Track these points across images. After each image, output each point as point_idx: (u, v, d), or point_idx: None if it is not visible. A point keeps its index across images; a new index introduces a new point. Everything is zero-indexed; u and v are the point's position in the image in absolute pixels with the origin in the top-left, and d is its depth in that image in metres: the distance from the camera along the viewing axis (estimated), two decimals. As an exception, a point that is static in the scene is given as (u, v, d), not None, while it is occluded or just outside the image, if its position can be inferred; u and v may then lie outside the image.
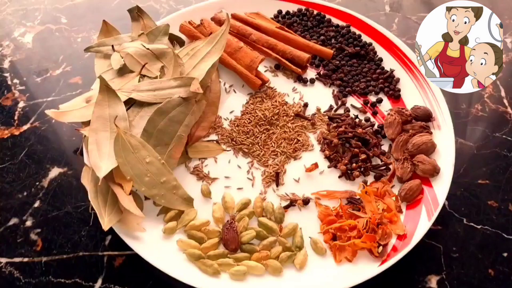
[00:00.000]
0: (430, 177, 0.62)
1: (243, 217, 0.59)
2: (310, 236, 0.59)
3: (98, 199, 0.57)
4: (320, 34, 0.78)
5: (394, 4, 0.89)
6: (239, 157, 0.66)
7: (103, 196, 0.57)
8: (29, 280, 0.58)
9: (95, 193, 0.57)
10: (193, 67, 0.65)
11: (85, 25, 0.85)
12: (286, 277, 0.56)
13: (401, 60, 0.73)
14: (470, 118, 0.73)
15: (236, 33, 0.75)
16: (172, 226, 0.58)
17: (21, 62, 0.80)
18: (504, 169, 0.68)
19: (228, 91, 0.72)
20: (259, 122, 0.67)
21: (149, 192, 0.57)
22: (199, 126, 0.66)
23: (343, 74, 0.73)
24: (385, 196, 0.61)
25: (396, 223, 0.58)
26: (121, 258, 0.60)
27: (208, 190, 0.62)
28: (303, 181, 0.63)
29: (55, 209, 0.64)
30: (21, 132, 0.71)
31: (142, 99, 0.61)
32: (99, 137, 0.59)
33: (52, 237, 0.61)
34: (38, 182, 0.66)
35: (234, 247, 0.57)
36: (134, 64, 0.65)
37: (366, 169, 0.63)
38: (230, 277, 0.55)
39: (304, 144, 0.66)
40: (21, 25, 0.85)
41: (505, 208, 0.64)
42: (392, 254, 0.56)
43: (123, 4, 0.87)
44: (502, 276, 0.59)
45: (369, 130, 0.67)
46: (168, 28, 0.70)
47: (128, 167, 0.56)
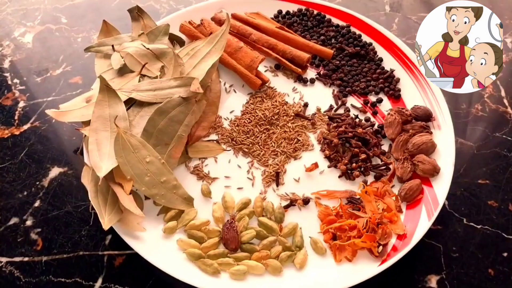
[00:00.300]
0: (430, 177, 0.62)
1: (243, 217, 0.59)
2: (310, 235, 0.59)
3: (98, 198, 0.57)
4: (320, 34, 0.78)
5: (394, 4, 0.89)
6: (239, 156, 0.66)
7: (103, 195, 0.57)
8: (30, 280, 0.58)
9: (95, 193, 0.57)
10: (193, 67, 0.65)
11: (85, 25, 0.85)
12: (286, 277, 0.56)
13: (401, 60, 0.73)
14: (470, 118, 0.73)
15: (236, 33, 0.75)
16: (172, 225, 0.58)
17: (21, 62, 0.80)
18: (504, 169, 0.68)
19: (228, 91, 0.72)
20: (259, 122, 0.67)
21: (149, 192, 0.57)
22: (199, 126, 0.66)
23: (343, 74, 0.73)
24: (385, 196, 0.61)
25: (396, 223, 0.58)
26: (121, 258, 0.60)
27: (208, 190, 0.62)
28: (303, 181, 0.63)
29: (55, 209, 0.64)
30: (21, 132, 0.71)
31: (142, 99, 0.61)
32: (99, 136, 0.59)
33: (52, 236, 0.61)
34: (38, 181, 0.66)
35: (234, 246, 0.57)
36: (134, 64, 0.65)
37: (366, 169, 0.63)
38: (230, 276, 0.55)
39: (304, 144, 0.66)
40: (21, 25, 0.85)
41: (505, 208, 0.64)
42: (392, 254, 0.56)
43: (123, 4, 0.87)
44: (502, 276, 0.59)
45: (369, 130, 0.67)
46: (168, 28, 0.70)
47: (128, 166, 0.56)
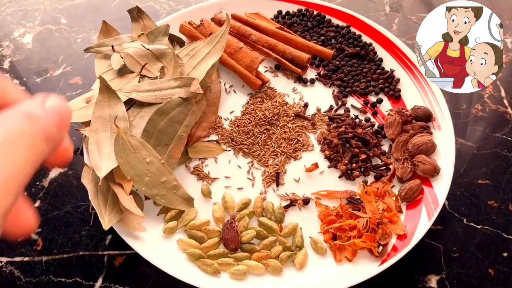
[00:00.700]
0: (430, 177, 0.62)
1: (243, 217, 0.59)
2: (310, 236, 0.59)
3: (98, 199, 0.57)
4: (320, 34, 0.78)
5: (394, 5, 0.89)
6: (239, 157, 0.66)
7: (104, 196, 0.57)
8: (30, 279, 0.58)
9: (95, 193, 0.57)
10: (193, 67, 0.65)
11: (85, 25, 0.85)
12: (286, 277, 0.56)
13: (401, 60, 0.73)
14: (470, 118, 0.73)
15: (236, 33, 0.75)
16: (172, 225, 0.58)
17: (21, 62, 0.80)
18: (504, 169, 0.68)
19: (228, 92, 0.72)
20: (259, 122, 0.68)
21: (149, 192, 0.57)
22: (199, 126, 0.66)
23: (343, 74, 0.73)
24: (385, 196, 0.61)
25: (396, 223, 0.58)
26: (121, 258, 0.60)
27: (208, 190, 0.62)
28: (303, 181, 0.63)
29: (55, 209, 0.64)
30: (21, 132, 0.71)
31: (142, 99, 0.61)
32: (99, 137, 0.59)
33: (53, 236, 0.61)
34: (38, 182, 0.66)
35: (234, 246, 0.57)
36: (134, 65, 0.65)
37: (366, 169, 0.63)
38: (230, 276, 0.55)
39: (304, 144, 0.66)
40: (21, 26, 0.85)
41: (505, 208, 0.64)
42: (392, 254, 0.56)
43: (123, 5, 0.87)
44: (502, 276, 0.59)
45: (369, 130, 0.67)
46: (168, 29, 0.70)
47: (128, 167, 0.56)
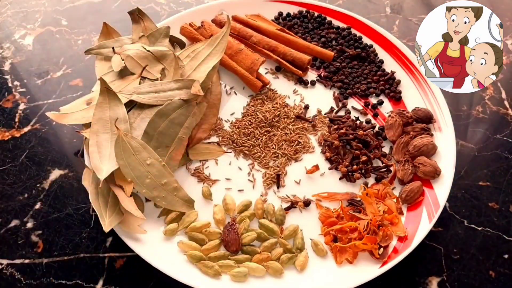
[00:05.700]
0: (431, 179, 0.62)
1: (244, 219, 0.59)
2: (311, 237, 0.59)
3: (99, 201, 0.57)
4: (320, 36, 0.78)
5: (394, 6, 0.89)
6: (240, 159, 0.66)
7: (104, 198, 0.57)
8: (30, 282, 0.58)
9: (96, 195, 0.57)
10: (193, 69, 0.65)
11: (85, 27, 0.85)
12: (287, 279, 0.56)
13: (402, 62, 0.73)
14: (471, 120, 0.73)
15: (236, 35, 0.75)
16: (173, 227, 0.58)
17: (21, 64, 0.80)
18: (505, 171, 0.68)
19: (229, 93, 0.72)
20: (260, 124, 0.67)
21: (150, 194, 0.57)
22: (200, 128, 0.66)
23: (344, 76, 0.73)
24: (386, 198, 0.61)
25: (397, 225, 0.58)
26: (122, 260, 0.60)
27: (209, 192, 0.62)
28: (304, 183, 0.63)
29: (56, 211, 0.64)
30: (22, 134, 0.71)
31: (143, 101, 0.61)
32: (100, 139, 0.59)
33: (53, 238, 0.61)
34: (39, 184, 0.66)
35: (235, 248, 0.57)
36: (135, 66, 0.65)
37: (367, 171, 0.63)
38: (231, 278, 0.55)
39: (305, 146, 0.66)
40: (22, 27, 0.85)
41: (506, 210, 0.64)
42: (393, 256, 0.56)
43: (123, 6, 0.87)
44: (503, 278, 0.59)
45: (370, 132, 0.67)
46: (168, 30, 0.70)
47: (129, 169, 0.56)
